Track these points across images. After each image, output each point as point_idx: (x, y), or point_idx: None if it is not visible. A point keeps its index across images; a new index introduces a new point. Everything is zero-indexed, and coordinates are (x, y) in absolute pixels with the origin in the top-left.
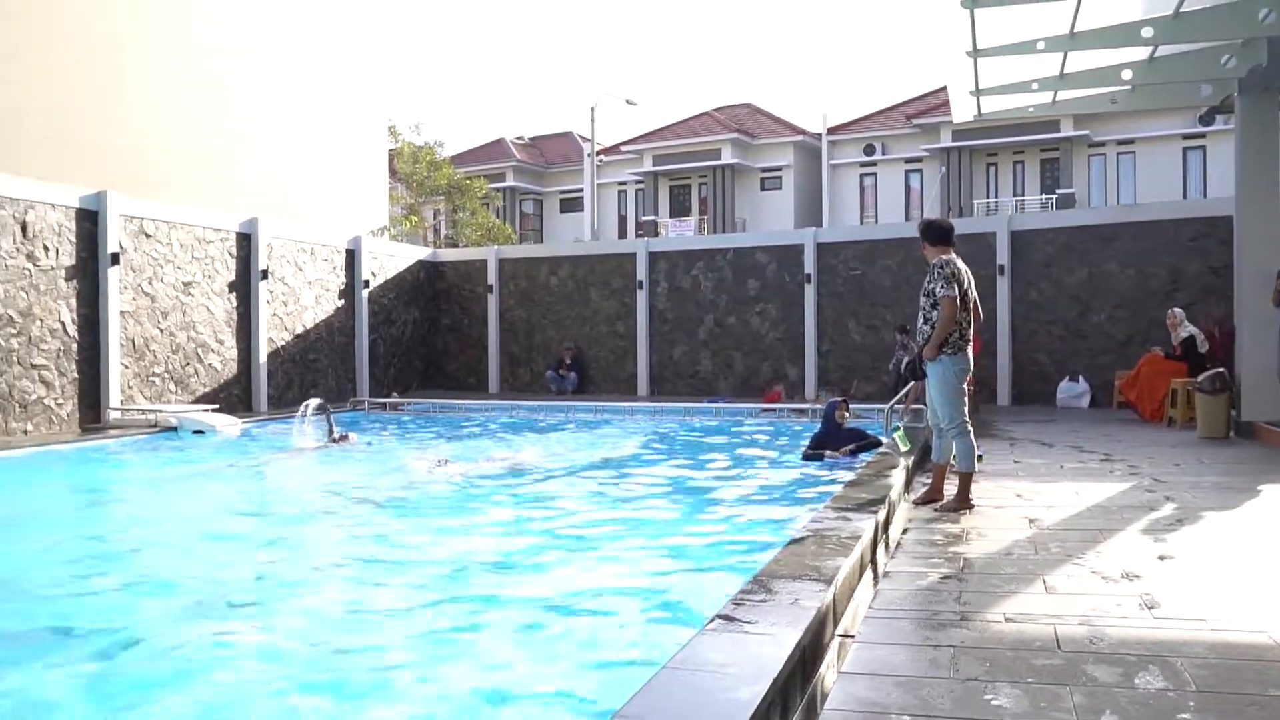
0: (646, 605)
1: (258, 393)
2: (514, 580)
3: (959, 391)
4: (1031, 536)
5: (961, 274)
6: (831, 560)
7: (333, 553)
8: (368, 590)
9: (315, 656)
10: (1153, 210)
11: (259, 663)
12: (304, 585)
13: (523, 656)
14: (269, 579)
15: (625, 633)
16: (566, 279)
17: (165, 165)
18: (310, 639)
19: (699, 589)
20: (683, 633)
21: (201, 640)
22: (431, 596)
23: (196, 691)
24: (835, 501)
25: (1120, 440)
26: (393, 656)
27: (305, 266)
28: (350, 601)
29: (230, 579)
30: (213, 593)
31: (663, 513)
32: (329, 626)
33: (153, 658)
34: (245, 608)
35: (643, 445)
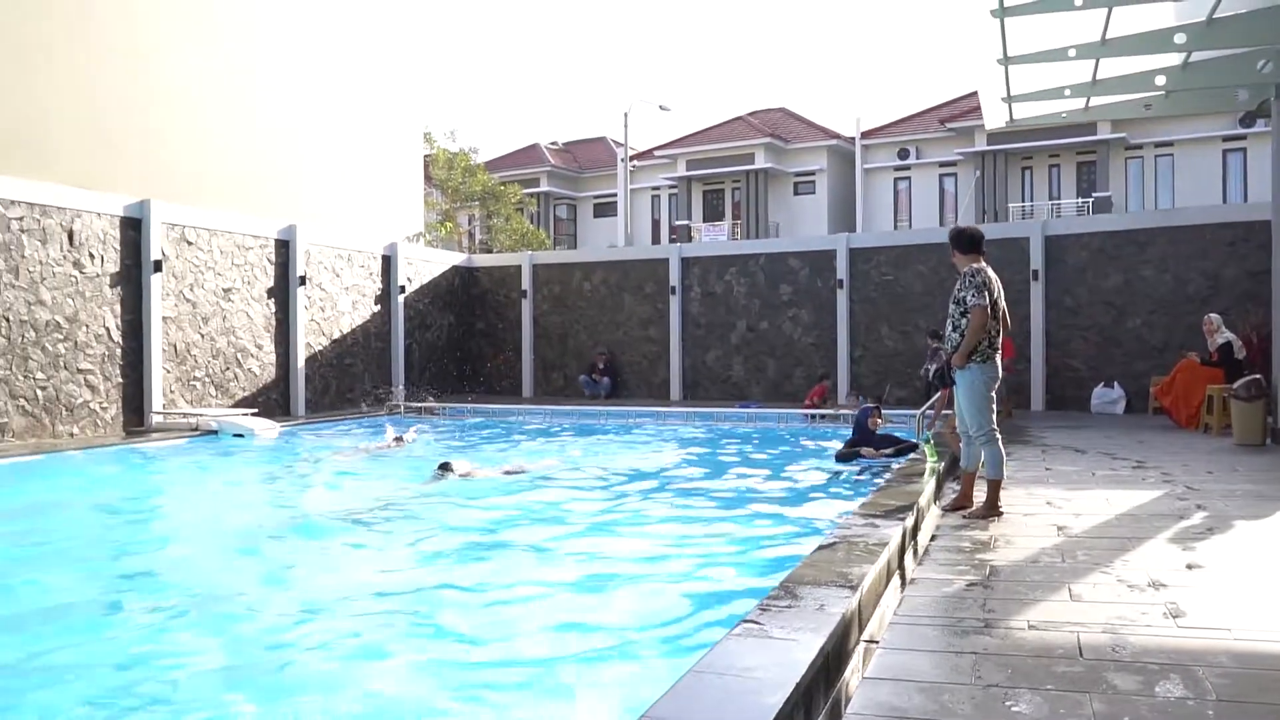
0: (677, 608)
1: (295, 396)
2: (551, 573)
3: (988, 399)
4: (1060, 544)
5: (991, 283)
6: (858, 567)
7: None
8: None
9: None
10: (1189, 215)
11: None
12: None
13: (560, 650)
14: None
15: (656, 634)
16: (600, 284)
17: (206, 174)
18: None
19: (730, 593)
20: (712, 635)
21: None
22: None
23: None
24: (864, 508)
25: (1154, 447)
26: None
27: (342, 272)
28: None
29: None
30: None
31: (696, 514)
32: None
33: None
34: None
35: (678, 448)
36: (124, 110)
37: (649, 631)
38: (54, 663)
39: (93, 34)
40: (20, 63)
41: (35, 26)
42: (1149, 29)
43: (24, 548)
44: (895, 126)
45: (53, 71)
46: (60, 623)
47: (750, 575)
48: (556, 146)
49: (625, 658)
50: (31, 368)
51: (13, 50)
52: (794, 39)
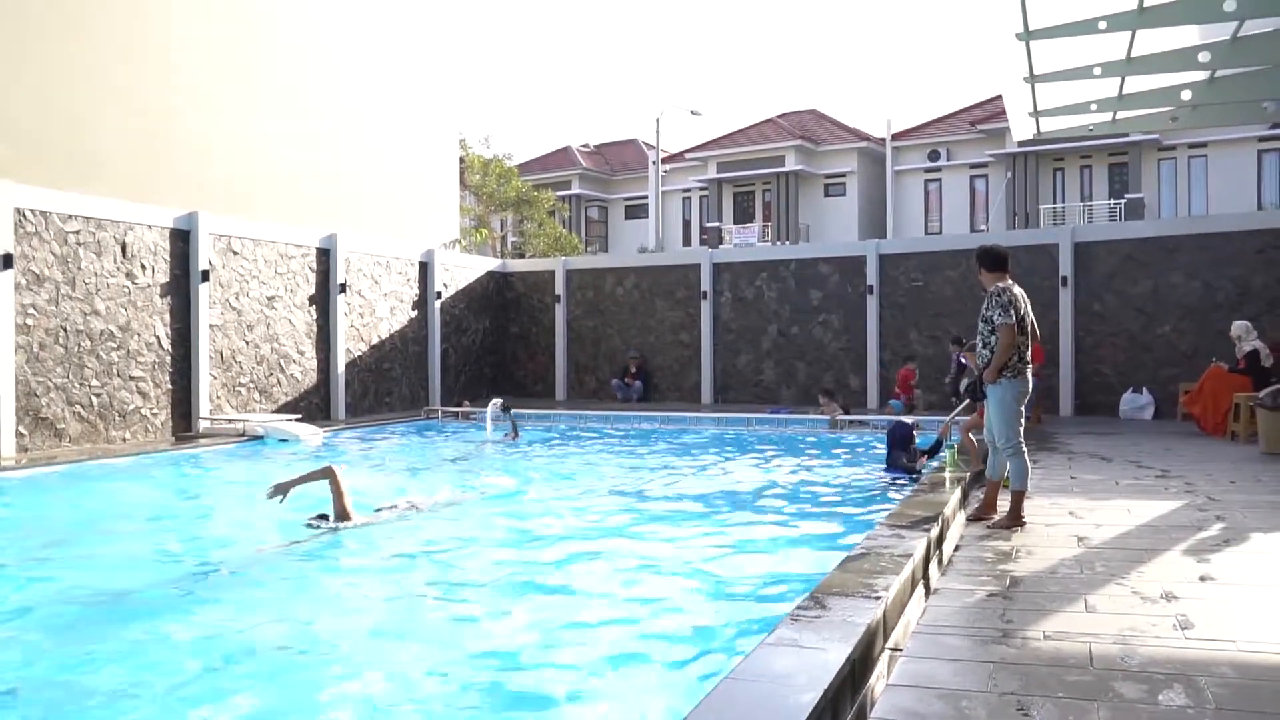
0: (712, 617)
1: (336, 401)
2: (584, 585)
3: (1016, 413)
4: (1079, 555)
5: (1018, 300)
6: (883, 578)
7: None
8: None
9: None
10: (1219, 222)
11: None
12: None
13: (599, 659)
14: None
15: (692, 646)
16: (632, 289)
17: (251, 185)
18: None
19: (760, 603)
20: (747, 643)
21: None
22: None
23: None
24: (890, 519)
25: (1181, 455)
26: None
27: (380, 279)
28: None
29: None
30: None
31: (729, 524)
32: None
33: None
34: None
35: (710, 452)
36: (170, 123)
37: (684, 644)
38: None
39: (137, 48)
40: (69, 77)
41: (82, 43)
42: (1174, 47)
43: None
44: (926, 128)
45: (101, 85)
46: (115, 617)
47: (783, 585)
48: (588, 149)
49: (664, 667)
50: (87, 375)
51: (62, 65)
52: (825, 41)
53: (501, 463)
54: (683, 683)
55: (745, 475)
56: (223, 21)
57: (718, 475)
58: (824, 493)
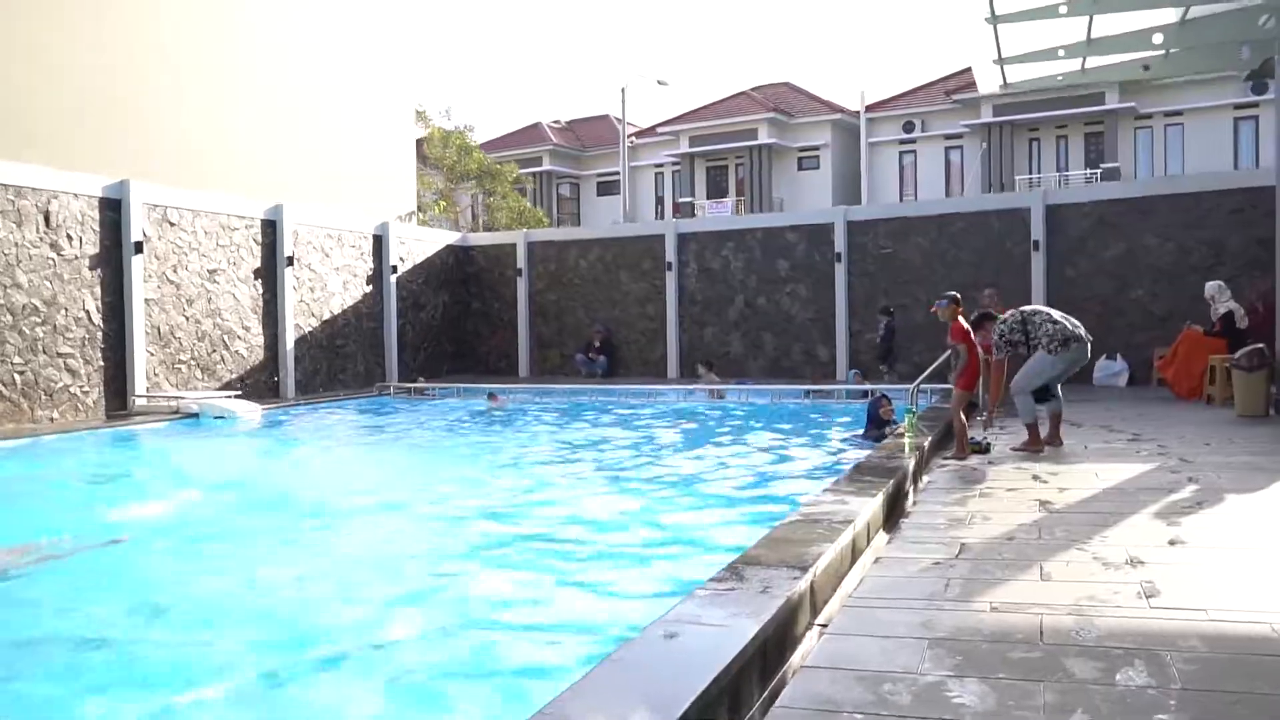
0: (643, 587)
1: (285, 379)
2: (517, 547)
3: (1040, 374)
4: (1038, 520)
5: (1012, 330)
6: (815, 546)
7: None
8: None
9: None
10: (1193, 181)
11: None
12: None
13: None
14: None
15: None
16: (595, 262)
17: (191, 154)
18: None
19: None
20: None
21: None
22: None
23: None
24: (837, 484)
25: (1153, 419)
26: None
27: (332, 253)
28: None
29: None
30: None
31: (674, 493)
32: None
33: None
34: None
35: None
36: (103, 89)
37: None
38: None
39: (68, 9)
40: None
41: (9, 6)
42: None
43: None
44: (900, 99)
45: (27, 49)
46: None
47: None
48: (559, 125)
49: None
50: (9, 352)
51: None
52: (798, 14)
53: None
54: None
55: (702, 449)
56: None
57: (678, 446)
58: (776, 467)
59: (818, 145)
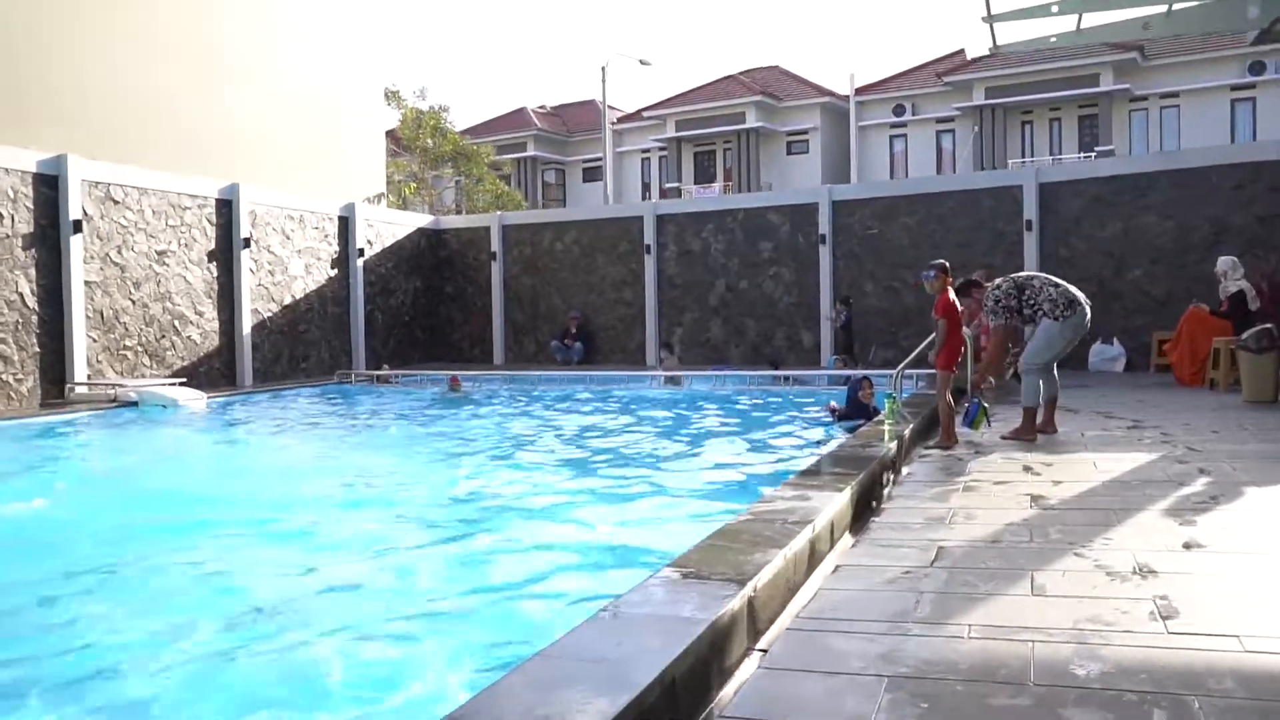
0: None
1: (242, 366)
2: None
3: (1050, 347)
4: (1030, 519)
5: (1007, 294)
6: (760, 553)
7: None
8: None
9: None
10: (1193, 156)
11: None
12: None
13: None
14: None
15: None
16: (572, 245)
17: (141, 129)
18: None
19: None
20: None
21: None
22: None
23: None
24: (802, 476)
25: (1154, 405)
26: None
27: (293, 234)
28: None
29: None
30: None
31: (627, 485)
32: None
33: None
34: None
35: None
36: (47, 60)
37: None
38: None
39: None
40: None
41: None
42: None
43: None
44: (891, 82)
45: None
46: None
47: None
48: (544, 110)
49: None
50: None
51: None
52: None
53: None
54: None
55: (660, 440)
56: None
57: (639, 432)
58: (739, 458)
59: (807, 129)
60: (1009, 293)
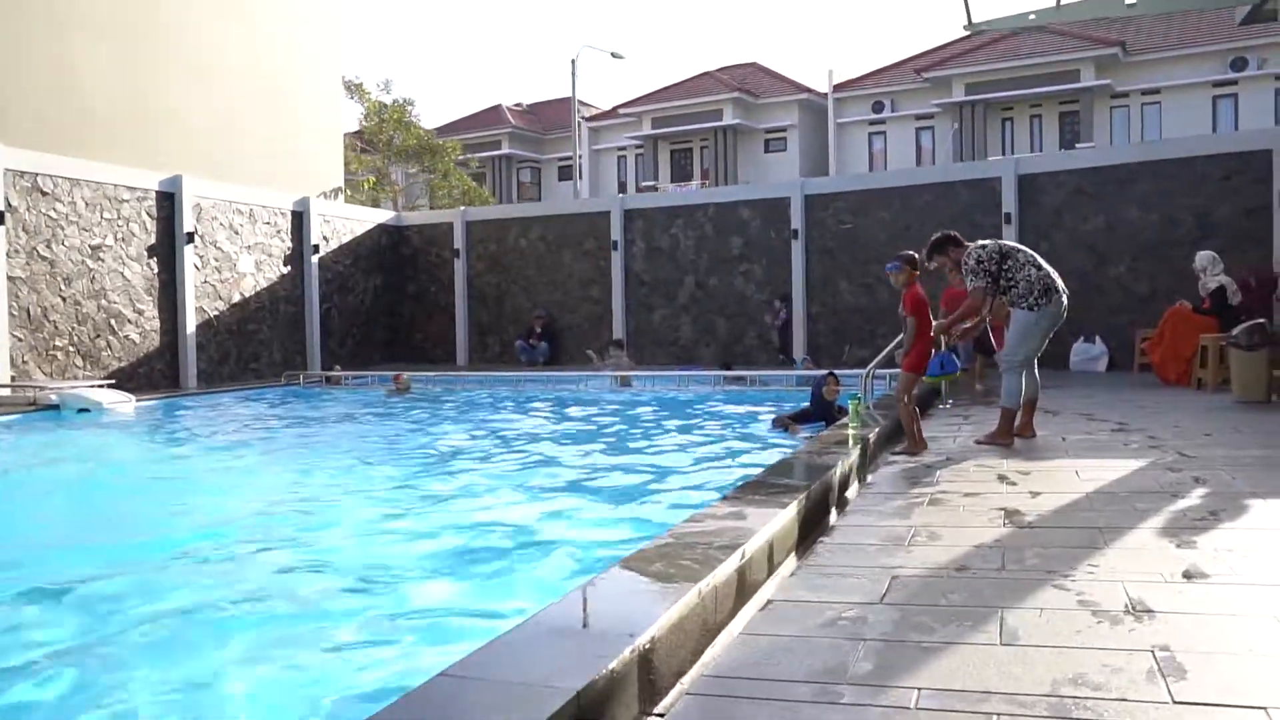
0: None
1: (185, 367)
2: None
3: (1027, 337)
4: (1003, 539)
5: (987, 257)
6: (670, 590)
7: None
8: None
9: None
10: (1177, 147)
11: None
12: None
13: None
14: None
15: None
16: (537, 241)
17: (76, 118)
18: None
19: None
20: None
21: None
22: None
23: None
24: (743, 490)
25: (1140, 405)
26: None
27: (242, 230)
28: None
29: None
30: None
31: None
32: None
33: None
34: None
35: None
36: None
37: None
38: None
39: None
40: None
41: None
42: None
43: None
44: (869, 78)
45: None
46: None
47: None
48: (520, 108)
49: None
50: None
51: None
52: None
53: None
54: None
55: (600, 445)
56: None
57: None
58: (687, 465)
59: (785, 126)
60: (991, 256)
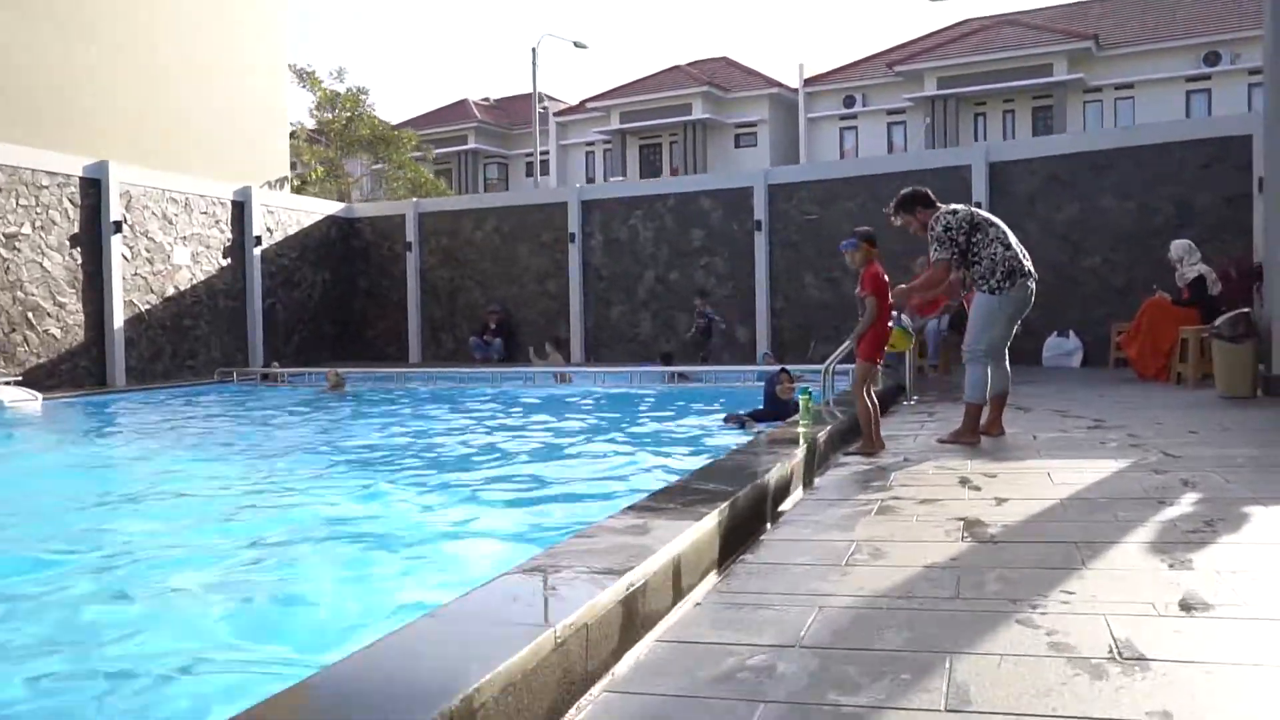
0: None
1: (113, 364)
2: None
3: (990, 323)
4: (959, 557)
5: (956, 224)
6: (508, 640)
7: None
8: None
9: None
10: (1155, 132)
11: None
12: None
13: None
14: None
15: None
16: (492, 233)
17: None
18: None
19: None
20: None
21: None
22: None
23: None
24: (655, 498)
25: (1117, 401)
26: None
27: (176, 219)
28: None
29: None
30: None
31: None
32: None
33: None
34: None
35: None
36: None
37: None
38: None
39: None
40: None
41: None
42: None
43: None
44: (841, 73)
45: None
46: None
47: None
48: (487, 103)
49: None
50: None
51: None
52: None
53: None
54: None
55: (519, 447)
56: None
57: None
58: (614, 469)
59: (755, 121)
60: (961, 225)
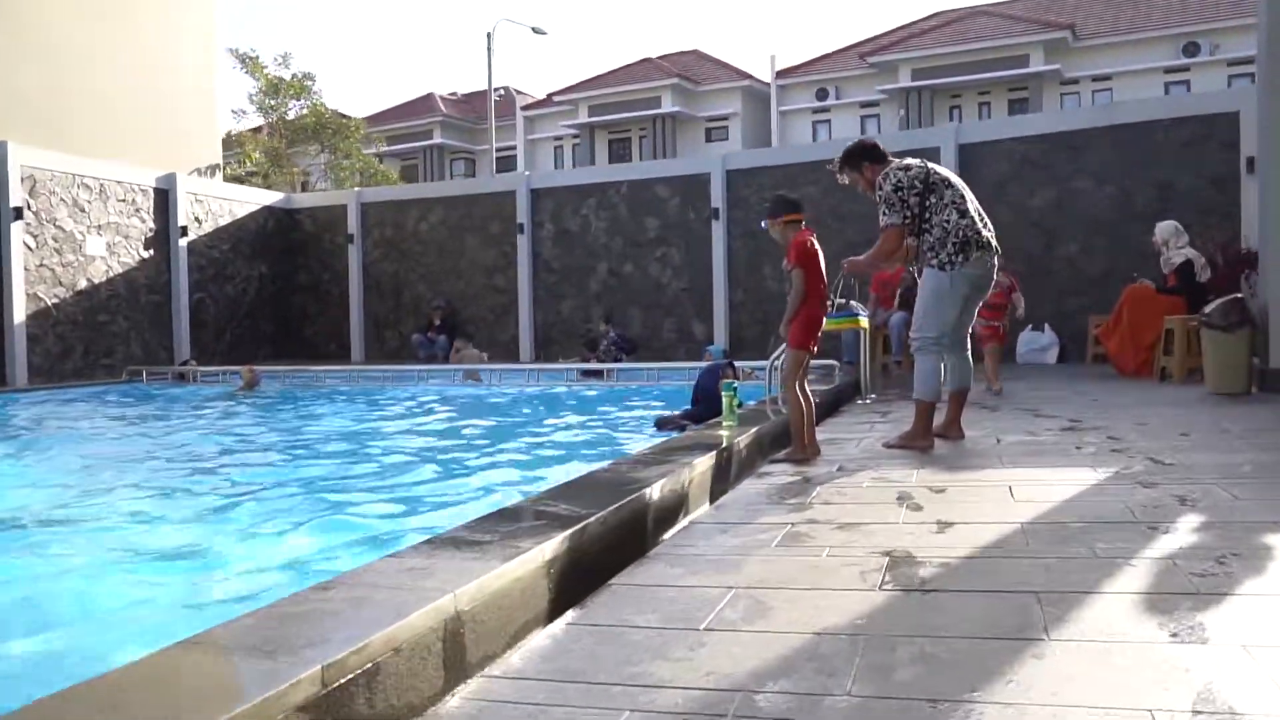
0: None
1: (13, 361)
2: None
3: (939, 305)
4: (870, 617)
5: (908, 182)
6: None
7: None
8: None
9: None
10: (1134, 110)
11: None
12: None
13: None
14: None
15: None
16: (438, 225)
17: None
18: None
19: None
20: None
21: None
22: None
23: None
24: (484, 521)
25: (1095, 399)
26: None
27: (89, 207)
28: None
29: None
30: None
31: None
32: None
33: None
34: None
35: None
36: None
37: None
38: None
39: None
40: None
41: None
42: None
43: None
44: (813, 64)
45: None
46: None
47: None
48: (454, 97)
49: None
50: None
51: None
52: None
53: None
54: None
55: (400, 452)
56: None
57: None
58: (505, 479)
59: (726, 114)
60: (914, 184)
